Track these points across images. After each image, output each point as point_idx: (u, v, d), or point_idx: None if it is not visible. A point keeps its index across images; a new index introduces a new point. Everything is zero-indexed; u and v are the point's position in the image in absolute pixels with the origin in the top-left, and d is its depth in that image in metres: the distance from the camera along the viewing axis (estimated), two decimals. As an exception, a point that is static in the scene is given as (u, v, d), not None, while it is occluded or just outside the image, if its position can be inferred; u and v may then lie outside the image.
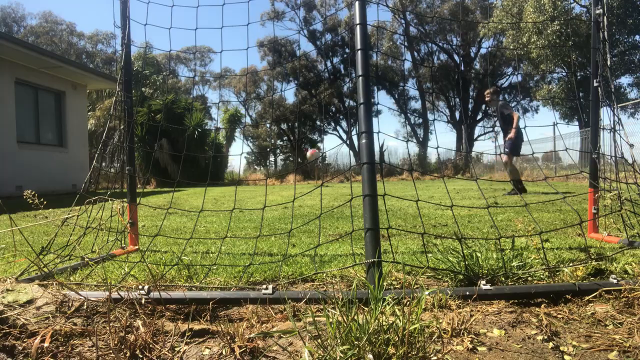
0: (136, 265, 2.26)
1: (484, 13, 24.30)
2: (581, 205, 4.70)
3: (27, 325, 1.37)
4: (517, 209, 4.63)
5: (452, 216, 4.25)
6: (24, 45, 10.19)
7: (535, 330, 1.37)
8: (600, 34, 2.71)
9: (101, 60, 37.56)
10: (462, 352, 1.23)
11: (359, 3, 2.03)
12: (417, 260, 2.29)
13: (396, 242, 2.94)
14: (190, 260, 2.46)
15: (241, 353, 1.24)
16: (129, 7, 2.76)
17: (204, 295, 1.67)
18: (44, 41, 35.89)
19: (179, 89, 34.75)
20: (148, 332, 1.31)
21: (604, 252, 2.40)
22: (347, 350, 1.11)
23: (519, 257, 2.04)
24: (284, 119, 30.23)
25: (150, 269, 1.92)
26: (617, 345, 1.24)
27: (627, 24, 17.72)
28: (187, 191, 11.32)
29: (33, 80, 10.99)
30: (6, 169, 9.93)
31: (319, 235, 3.30)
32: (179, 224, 4.41)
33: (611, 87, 2.70)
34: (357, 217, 4.45)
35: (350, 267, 2.08)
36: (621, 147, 2.51)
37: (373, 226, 1.76)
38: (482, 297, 1.63)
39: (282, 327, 1.44)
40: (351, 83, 28.10)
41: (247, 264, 2.27)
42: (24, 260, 2.50)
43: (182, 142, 17.87)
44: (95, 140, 18.59)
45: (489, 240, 2.60)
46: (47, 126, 11.81)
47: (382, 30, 22.10)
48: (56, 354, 1.25)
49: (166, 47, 4.73)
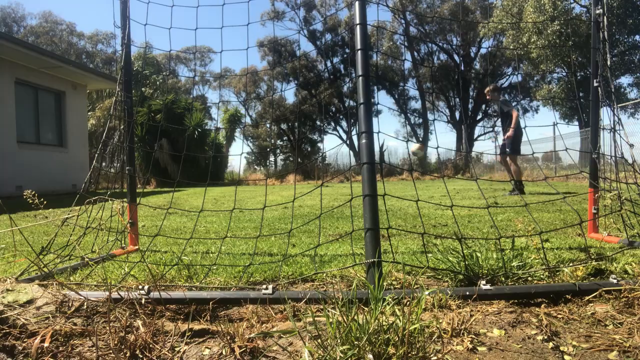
0: (136, 265, 2.26)
1: (484, 13, 24.30)
2: (581, 205, 4.70)
3: (27, 325, 1.37)
4: (517, 209, 4.63)
5: (452, 216, 4.25)
6: (24, 45, 10.20)
7: (535, 330, 1.37)
8: (600, 34, 2.71)
9: (101, 60, 37.56)
10: (462, 352, 1.23)
11: (359, 3, 2.03)
12: (417, 260, 2.29)
13: (396, 242, 2.94)
14: (190, 260, 2.46)
15: (241, 353, 1.24)
16: (129, 7, 2.76)
17: (204, 295, 1.67)
18: (44, 41, 35.89)
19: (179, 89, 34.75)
20: (148, 332, 1.31)
21: (604, 252, 2.40)
22: (347, 350, 1.11)
23: (519, 257, 2.04)
24: (284, 119, 30.23)
25: (150, 269, 1.92)
26: (617, 345, 1.24)
27: (627, 24, 17.72)
28: (187, 191, 11.32)
29: (33, 80, 10.99)
30: (6, 169, 9.93)
31: (319, 235, 3.31)
32: (179, 224, 4.41)
33: (611, 87, 2.70)
34: (357, 217, 4.45)
35: (350, 267, 2.08)
36: (621, 147, 2.51)
37: (373, 226, 1.76)
38: (482, 297, 1.63)
39: (282, 327, 1.44)
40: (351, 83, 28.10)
41: (247, 264, 2.27)
42: (24, 260, 2.50)
43: (182, 142, 17.87)
44: (95, 140, 18.60)
45: (489, 240, 2.60)
46: (47, 126, 11.81)
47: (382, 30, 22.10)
48: (56, 354, 1.25)
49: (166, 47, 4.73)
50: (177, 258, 2.47)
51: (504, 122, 7.05)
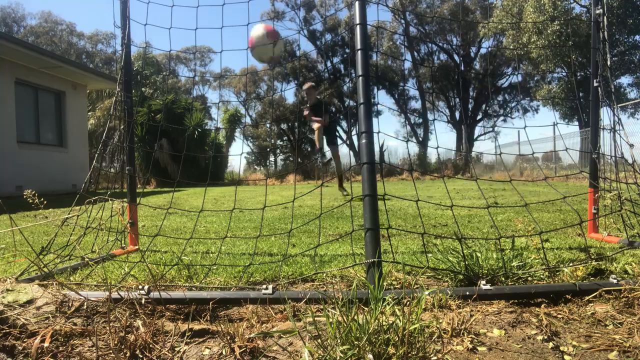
0: (136, 265, 2.26)
1: (484, 13, 24.28)
2: (581, 205, 4.70)
3: (27, 325, 1.37)
4: (517, 209, 4.63)
5: (452, 216, 4.25)
6: (24, 45, 10.19)
7: (535, 330, 1.37)
8: (600, 34, 2.71)
9: (101, 60, 37.54)
10: (462, 352, 1.23)
11: (359, 3, 2.03)
12: (417, 260, 2.29)
13: (396, 242, 2.94)
14: (190, 260, 2.46)
15: (241, 353, 1.24)
16: (129, 7, 2.76)
17: (204, 295, 1.67)
18: (44, 41, 35.88)
19: (179, 89, 34.73)
20: (148, 332, 1.31)
21: (604, 252, 2.40)
22: (347, 350, 1.11)
23: (519, 257, 2.04)
24: (284, 119, 30.22)
25: (150, 269, 1.92)
26: (617, 345, 1.24)
27: (627, 24, 17.72)
28: (187, 191, 11.32)
29: (33, 80, 10.99)
30: (6, 169, 9.92)
31: (319, 235, 3.30)
32: (179, 224, 4.41)
33: (611, 87, 2.69)
34: (357, 217, 4.45)
35: (350, 267, 2.08)
36: (621, 147, 2.51)
37: (373, 226, 1.76)
38: (482, 297, 1.63)
39: (282, 327, 1.44)
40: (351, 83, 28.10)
41: (247, 264, 2.27)
42: (24, 260, 2.50)
43: (182, 142, 17.86)
44: (95, 140, 18.59)
45: (489, 240, 2.60)
46: (47, 126, 11.81)
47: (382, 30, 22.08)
48: (56, 354, 1.25)
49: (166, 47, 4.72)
50: (177, 258, 2.47)
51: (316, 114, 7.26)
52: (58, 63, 10.96)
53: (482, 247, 2.32)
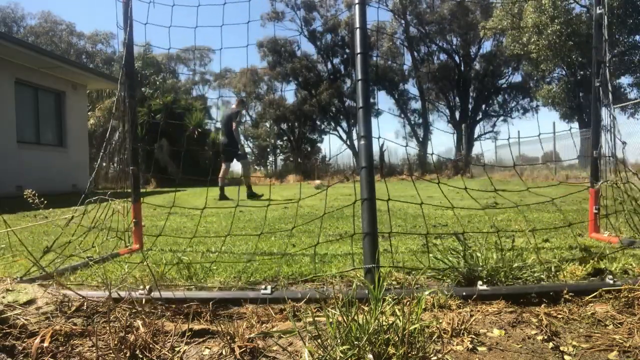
0: (137, 265, 2.25)
1: (484, 13, 24.24)
2: (581, 205, 4.70)
3: (27, 325, 1.37)
4: (517, 208, 4.62)
5: (452, 216, 4.25)
6: (24, 45, 10.19)
7: (535, 330, 1.37)
8: (602, 32, 2.71)
9: (101, 60, 37.52)
10: (462, 352, 1.23)
11: (359, 7, 2.02)
12: (417, 260, 2.29)
13: (396, 242, 2.94)
14: (191, 260, 2.46)
15: (241, 353, 1.23)
16: (131, 8, 2.75)
17: (204, 295, 1.67)
18: (43, 41, 35.86)
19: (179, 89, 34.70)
20: (148, 332, 1.31)
21: (604, 252, 2.40)
22: (347, 350, 1.11)
23: (519, 257, 2.04)
24: (284, 119, 30.18)
25: (151, 269, 1.92)
26: (617, 345, 1.24)
27: (627, 24, 17.71)
28: (187, 191, 11.32)
29: (33, 80, 10.98)
30: (6, 169, 9.92)
31: (319, 235, 3.30)
32: (179, 223, 4.41)
33: (609, 87, 2.69)
34: (357, 217, 4.45)
35: (350, 270, 2.08)
36: (621, 147, 2.51)
37: (371, 230, 1.74)
38: (481, 297, 1.63)
39: (282, 327, 1.44)
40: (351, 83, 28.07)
41: (247, 264, 2.27)
42: (23, 260, 2.50)
43: (182, 142, 17.84)
44: (95, 141, 18.59)
45: (489, 241, 2.59)
46: (47, 126, 11.80)
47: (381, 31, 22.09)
48: (56, 354, 1.25)
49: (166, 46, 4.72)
50: (177, 258, 2.47)
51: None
52: (58, 63, 10.95)
53: (482, 247, 2.32)
